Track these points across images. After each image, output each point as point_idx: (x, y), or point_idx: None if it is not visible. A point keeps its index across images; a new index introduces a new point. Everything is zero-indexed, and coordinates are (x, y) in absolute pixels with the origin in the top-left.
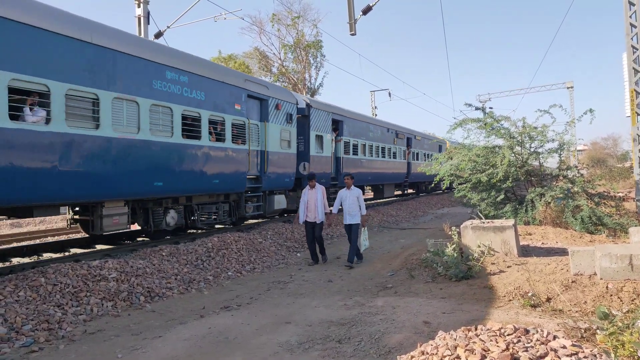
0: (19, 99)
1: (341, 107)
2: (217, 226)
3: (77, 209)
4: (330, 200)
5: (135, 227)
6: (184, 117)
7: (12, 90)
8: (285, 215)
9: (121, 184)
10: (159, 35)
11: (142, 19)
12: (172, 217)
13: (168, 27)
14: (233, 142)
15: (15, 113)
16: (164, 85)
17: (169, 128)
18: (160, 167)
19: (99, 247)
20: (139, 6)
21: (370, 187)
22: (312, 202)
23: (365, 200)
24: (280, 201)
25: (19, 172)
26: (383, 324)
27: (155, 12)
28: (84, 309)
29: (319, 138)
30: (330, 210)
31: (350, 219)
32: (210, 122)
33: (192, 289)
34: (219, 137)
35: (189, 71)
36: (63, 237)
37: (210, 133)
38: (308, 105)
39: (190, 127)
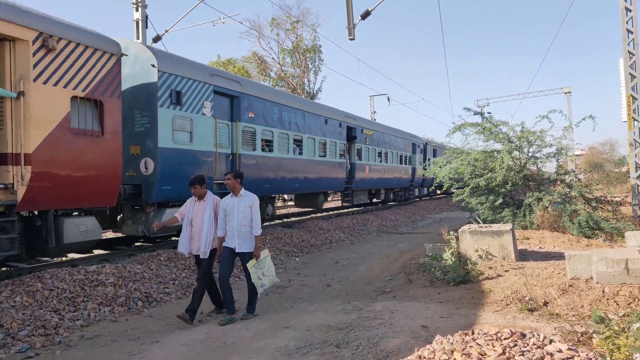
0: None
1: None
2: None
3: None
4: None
5: None
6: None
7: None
8: None
9: (284, 184)
10: (157, 39)
11: (140, 22)
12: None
13: (166, 31)
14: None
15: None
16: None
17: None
18: (296, 173)
19: (96, 252)
20: (137, 10)
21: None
22: (198, 221)
23: (371, 205)
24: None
25: (272, 178)
26: (381, 329)
27: (153, 16)
28: (81, 314)
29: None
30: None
31: (240, 243)
32: (296, 140)
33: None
34: (323, 153)
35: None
36: None
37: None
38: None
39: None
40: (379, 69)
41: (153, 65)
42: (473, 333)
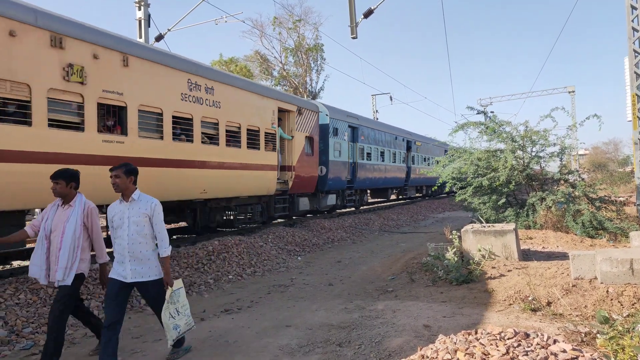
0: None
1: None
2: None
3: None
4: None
5: None
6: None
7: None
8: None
9: (375, 181)
10: (159, 38)
11: (142, 21)
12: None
13: (169, 30)
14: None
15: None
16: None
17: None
18: (380, 174)
19: None
20: (139, 9)
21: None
22: (57, 237)
23: (377, 205)
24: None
25: (370, 177)
26: (383, 328)
27: (156, 15)
28: None
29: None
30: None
31: (135, 269)
32: (381, 152)
33: (192, 292)
34: (394, 161)
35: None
36: None
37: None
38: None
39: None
40: (381, 68)
41: (326, 115)
42: (476, 333)
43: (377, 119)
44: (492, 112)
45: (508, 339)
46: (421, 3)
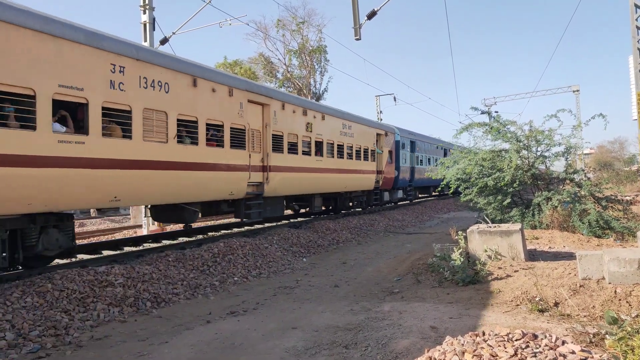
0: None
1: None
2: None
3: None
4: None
5: None
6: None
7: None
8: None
9: (423, 181)
10: (164, 41)
11: (147, 25)
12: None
13: (173, 33)
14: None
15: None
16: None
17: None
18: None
19: (105, 252)
20: (144, 12)
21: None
22: None
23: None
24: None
25: (421, 178)
26: (390, 329)
27: (160, 18)
28: (90, 314)
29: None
30: None
31: None
32: (427, 159)
33: (198, 295)
34: (436, 165)
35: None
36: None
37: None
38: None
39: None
40: (385, 69)
41: (398, 134)
42: (484, 334)
43: (381, 119)
44: (496, 112)
45: (516, 340)
46: (424, 3)
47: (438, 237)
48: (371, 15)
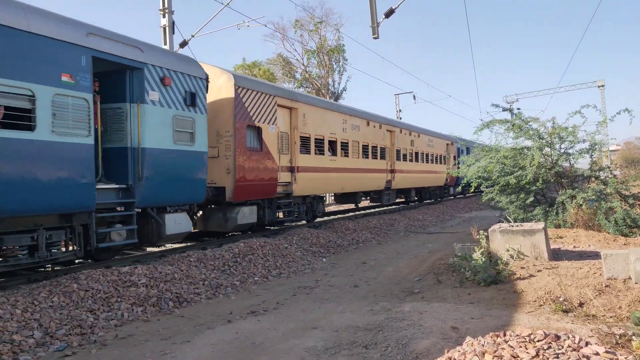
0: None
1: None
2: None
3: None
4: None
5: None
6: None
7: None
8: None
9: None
10: (184, 44)
11: (167, 28)
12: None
13: (192, 36)
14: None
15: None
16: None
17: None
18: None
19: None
20: (164, 16)
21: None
22: None
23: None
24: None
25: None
26: (410, 330)
27: (179, 21)
28: (114, 314)
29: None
30: None
31: None
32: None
33: (219, 294)
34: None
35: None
36: None
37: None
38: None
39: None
40: (404, 67)
41: (458, 142)
42: (505, 335)
43: (401, 118)
44: (518, 108)
45: (538, 341)
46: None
47: (459, 237)
48: (389, 13)
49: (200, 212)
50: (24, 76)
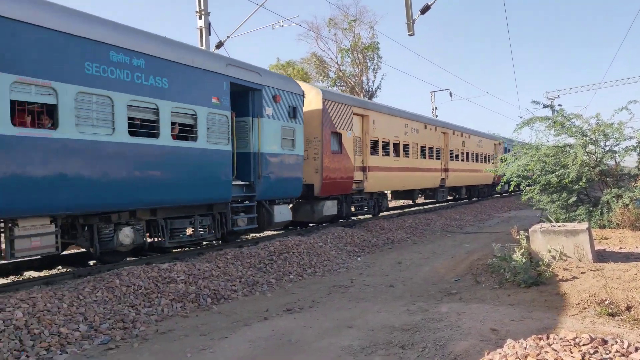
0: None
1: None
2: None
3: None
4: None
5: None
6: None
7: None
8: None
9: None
10: (219, 45)
11: (203, 30)
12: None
13: (228, 37)
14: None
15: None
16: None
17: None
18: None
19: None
20: (200, 18)
21: None
22: None
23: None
24: None
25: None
26: (448, 331)
27: (215, 22)
28: (155, 309)
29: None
30: None
31: None
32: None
33: (255, 292)
34: None
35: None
36: None
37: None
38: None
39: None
40: (440, 64)
41: (505, 143)
42: (548, 338)
43: (436, 116)
44: (559, 105)
45: (583, 345)
46: None
47: (498, 237)
48: (425, 9)
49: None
50: (191, 100)
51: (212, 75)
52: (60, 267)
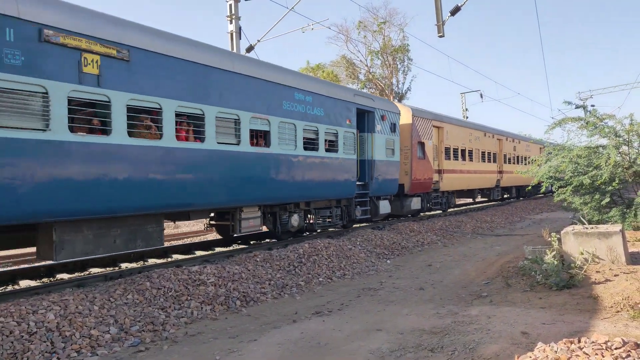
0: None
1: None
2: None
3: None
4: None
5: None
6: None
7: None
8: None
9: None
10: (250, 49)
11: (234, 34)
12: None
13: (258, 40)
14: None
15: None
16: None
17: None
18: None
19: (198, 253)
20: (231, 22)
21: None
22: None
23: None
24: None
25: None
26: (478, 334)
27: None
28: (185, 312)
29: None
30: None
31: None
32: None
33: (285, 294)
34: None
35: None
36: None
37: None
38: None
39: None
40: (470, 65)
41: (545, 148)
42: (579, 341)
43: (467, 117)
44: (592, 105)
45: (616, 349)
46: None
47: (529, 239)
48: (455, 11)
49: None
50: (336, 123)
51: (346, 103)
52: (92, 269)
